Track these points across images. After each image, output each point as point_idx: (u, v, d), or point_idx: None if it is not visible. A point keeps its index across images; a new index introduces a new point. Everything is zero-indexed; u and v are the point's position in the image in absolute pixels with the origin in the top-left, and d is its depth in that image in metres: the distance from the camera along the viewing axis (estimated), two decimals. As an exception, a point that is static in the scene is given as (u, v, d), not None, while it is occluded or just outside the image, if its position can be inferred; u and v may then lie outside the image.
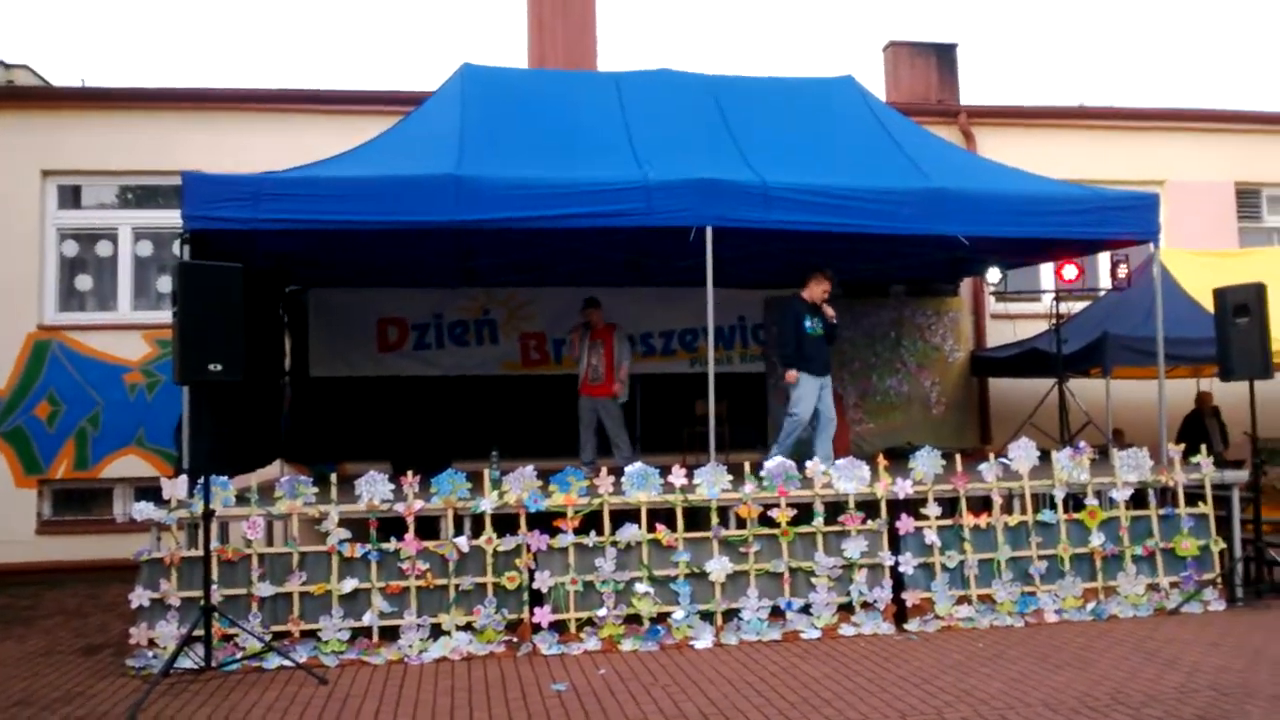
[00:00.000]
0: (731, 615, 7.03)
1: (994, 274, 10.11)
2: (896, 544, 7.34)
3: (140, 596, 6.56)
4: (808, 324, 8.38)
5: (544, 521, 7.07)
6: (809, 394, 8.32)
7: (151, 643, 6.50)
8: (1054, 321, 10.10)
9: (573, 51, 12.65)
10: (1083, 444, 8.00)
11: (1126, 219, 8.38)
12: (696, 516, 7.27)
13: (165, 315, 10.48)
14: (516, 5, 16.66)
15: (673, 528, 7.10)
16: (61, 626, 7.95)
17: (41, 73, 12.71)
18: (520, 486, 7.11)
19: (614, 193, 7.45)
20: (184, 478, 6.85)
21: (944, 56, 13.75)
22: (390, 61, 39.16)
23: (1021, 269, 10.85)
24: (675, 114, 9.01)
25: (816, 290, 8.50)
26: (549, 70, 11.57)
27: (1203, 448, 8.05)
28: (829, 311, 8.43)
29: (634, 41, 40.03)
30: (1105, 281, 10.35)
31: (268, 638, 6.49)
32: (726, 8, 42.94)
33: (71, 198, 11.08)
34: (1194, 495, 7.86)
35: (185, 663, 6.13)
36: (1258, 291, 7.70)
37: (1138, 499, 7.83)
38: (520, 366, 11.05)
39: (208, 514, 6.27)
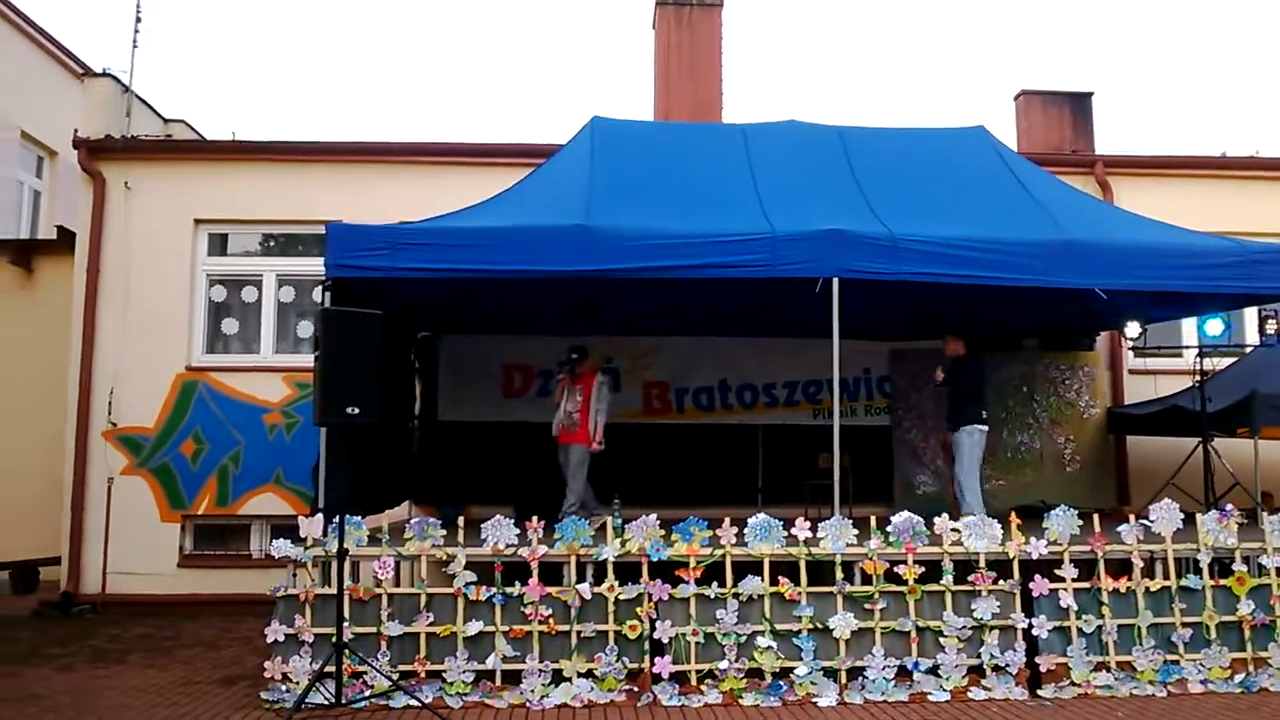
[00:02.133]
0: (856, 673, 6.88)
1: (1133, 328, 9.76)
2: (1030, 606, 7.09)
3: (276, 631, 6.78)
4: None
5: (666, 571, 7.06)
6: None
7: (285, 677, 6.70)
8: (1197, 378, 9.69)
9: (698, 104, 12.83)
10: (1230, 507, 7.62)
11: (1274, 272, 7.99)
12: (820, 571, 7.16)
13: (305, 358, 10.91)
14: (645, 59, 16.97)
15: (796, 581, 7.00)
16: (199, 658, 8.25)
17: (197, 125, 13.46)
18: (643, 535, 7.13)
19: (739, 243, 7.47)
20: (320, 516, 7.08)
21: (1078, 105, 13.49)
22: (523, 115, 40.25)
23: (1162, 323, 10.45)
24: (802, 165, 9.02)
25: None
26: (676, 123, 11.72)
27: (1363, 514, 7.57)
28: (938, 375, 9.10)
29: (761, 93, 40.28)
30: (1252, 337, 9.89)
31: (395, 676, 6.62)
32: (856, 58, 42.89)
33: (220, 245, 11.64)
34: (1353, 564, 7.39)
35: (316, 698, 6.30)
36: None
37: (1291, 567, 7.41)
38: (641, 415, 11.10)
39: (342, 553, 6.45)
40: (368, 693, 6.54)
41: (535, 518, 7.15)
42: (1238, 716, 6.32)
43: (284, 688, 6.66)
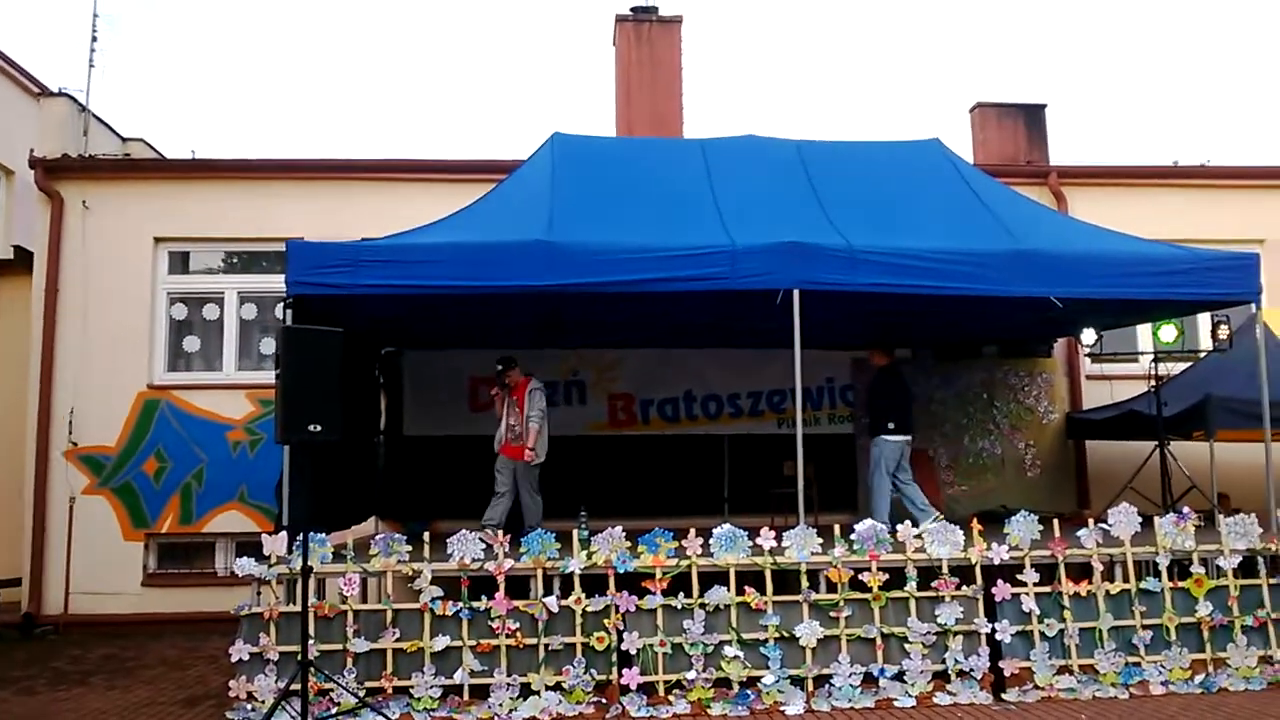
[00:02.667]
0: (823, 681, 6.93)
1: (1089, 335, 9.92)
2: (993, 611, 7.18)
3: (240, 650, 6.74)
4: None
5: (632, 582, 7.09)
6: None
7: (250, 696, 6.66)
8: (1153, 383, 9.85)
9: (659, 118, 12.92)
10: (1187, 510, 7.76)
11: (1226, 279, 8.17)
12: (785, 579, 7.21)
13: (268, 375, 10.82)
14: (605, 75, 17.04)
15: (762, 590, 7.06)
16: (163, 678, 8.17)
17: (155, 144, 13.37)
18: (609, 547, 7.16)
19: (700, 257, 7.52)
20: (284, 534, 7.05)
21: (1032, 117, 13.69)
22: (485, 130, 40.22)
23: (1117, 330, 10.63)
24: (761, 178, 9.09)
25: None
26: (636, 138, 11.80)
27: (1315, 514, 7.73)
28: None
29: (721, 107, 40.51)
30: (1206, 343, 10.07)
31: (362, 693, 6.60)
32: (814, 72, 43.24)
33: (181, 263, 11.57)
34: (1306, 564, 7.55)
35: (282, 717, 6.24)
36: (1369, 352, 7.43)
37: (1246, 567, 7.54)
38: (607, 427, 11.14)
39: (306, 570, 6.42)
40: (334, 710, 6.51)
41: (501, 532, 7.15)
42: (1198, 716, 6.43)
43: (249, 706, 6.62)
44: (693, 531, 7.27)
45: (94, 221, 11.17)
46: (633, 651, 6.88)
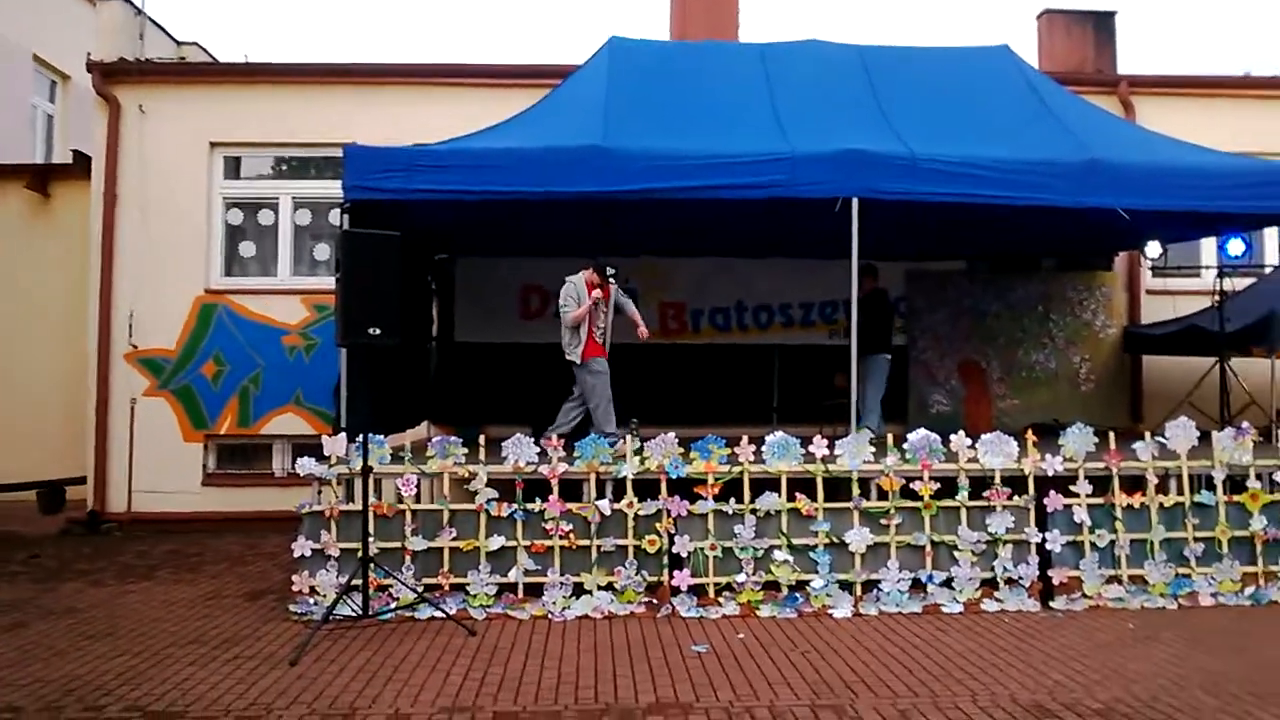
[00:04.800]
0: (871, 586, 7.01)
1: (1154, 248, 9.68)
2: (1044, 521, 7.19)
3: (302, 546, 6.93)
4: None
5: (684, 488, 7.17)
6: None
7: (312, 590, 6.87)
8: (1217, 298, 9.65)
9: (714, 24, 12.62)
10: (1245, 425, 7.67)
11: (1296, 192, 7.94)
12: (836, 487, 7.25)
13: (322, 281, 10.98)
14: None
15: (812, 497, 7.11)
16: (226, 573, 8.43)
17: (210, 49, 13.36)
18: (661, 453, 7.22)
19: (758, 164, 7.44)
20: (343, 436, 7.19)
21: (1101, 24, 13.21)
22: (541, 36, 39.70)
23: (1182, 243, 10.38)
24: (822, 85, 8.92)
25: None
26: (694, 43, 11.56)
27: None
28: None
29: (778, 16, 39.58)
30: (1272, 257, 9.84)
31: (420, 589, 6.78)
32: (870, -23, 42.01)
33: (234, 168, 11.62)
34: (1365, 481, 7.46)
35: (344, 610, 6.45)
36: None
37: (1304, 483, 7.48)
38: (659, 335, 11.12)
39: (366, 470, 6.56)
40: (394, 605, 6.70)
41: (555, 435, 7.24)
42: (1249, 628, 6.42)
43: (311, 600, 6.83)
44: (745, 439, 7.31)
45: (150, 126, 11.20)
46: (684, 555, 6.99)
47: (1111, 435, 7.48)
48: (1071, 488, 7.26)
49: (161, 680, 5.44)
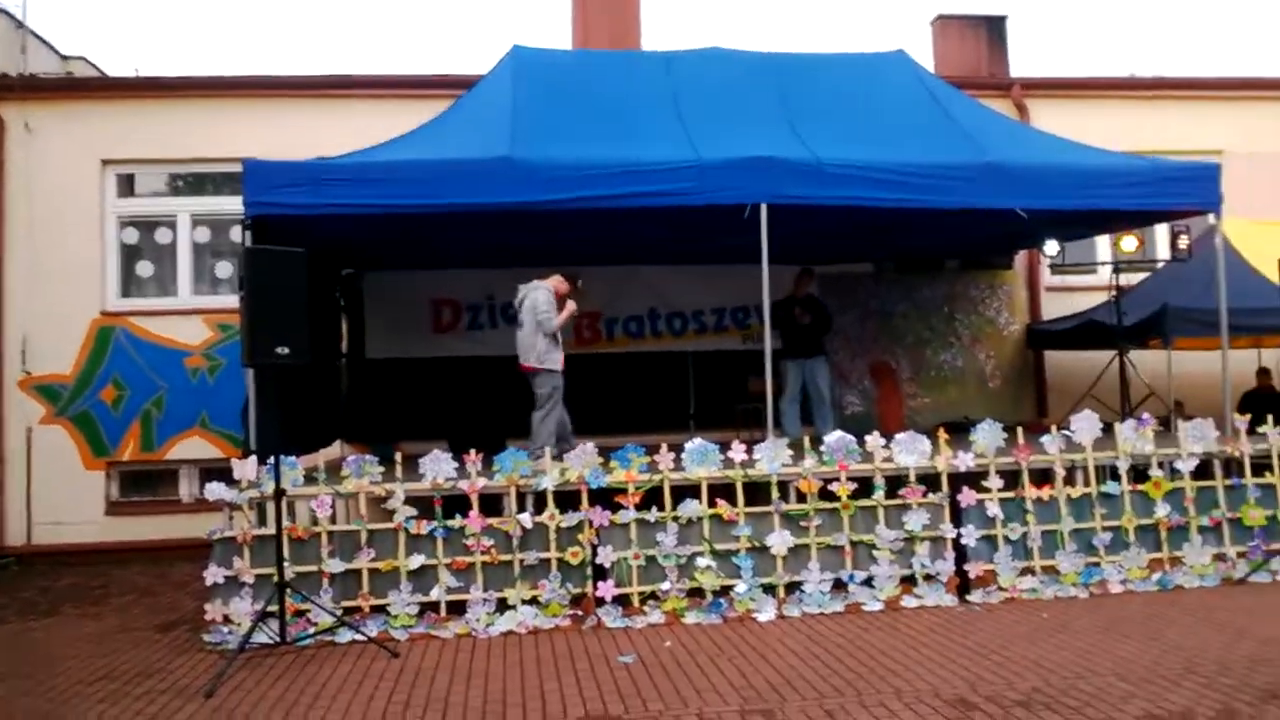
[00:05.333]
0: (793, 588, 7.07)
1: (1051, 246, 9.96)
2: (958, 516, 7.33)
3: (214, 574, 6.73)
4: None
5: (605, 498, 7.14)
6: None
7: (226, 619, 6.67)
8: (1113, 293, 9.97)
9: (616, 33, 12.63)
10: (1146, 415, 7.94)
11: (1187, 190, 8.27)
12: (756, 491, 7.30)
13: (225, 300, 10.70)
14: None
15: (733, 502, 7.14)
16: (134, 604, 8.14)
17: (97, 62, 12.92)
18: (582, 463, 7.18)
19: (667, 172, 7.48)
20: (253, 458, 7.00)
21: (993, 28, 13.58)
22: (435, 46, 39.34)
23: (1078, 241, 10.71)
24: (727, 92, 9.00)
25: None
26: (599, 51, 11.57)
27: (1269, 418, 7.93)
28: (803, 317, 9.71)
29: (677, 21, 39.87)
30: (1164, 253, 10.20)
31: (339, 613, 6.63)
32: (768, -15, 42.59)
33: (126, 186, 11.26)
34: (1260, 465, 7.77)
35: (260, 637, 6.26)
36: (1324, 260, 7.56)
37: (1202, 470, 7.75)
38: (573, 345, 11.04)
39: (279, 492, 6.39)
40: (312, 630, 6.53)
41: (474, 450, 7.15)
42: (1157, 612, 6.64)
43: (226, 629, 6.63)
44: (664, 446, 7.32)
45: (38, 144, 10.81)
46: (607, 565, 6.96)
47: (1020, 430, 7.67)
48: (983, 483, 7.42)
49: (69, 721, 5.22)
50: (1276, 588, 7.25)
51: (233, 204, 7.56)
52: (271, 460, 6.52)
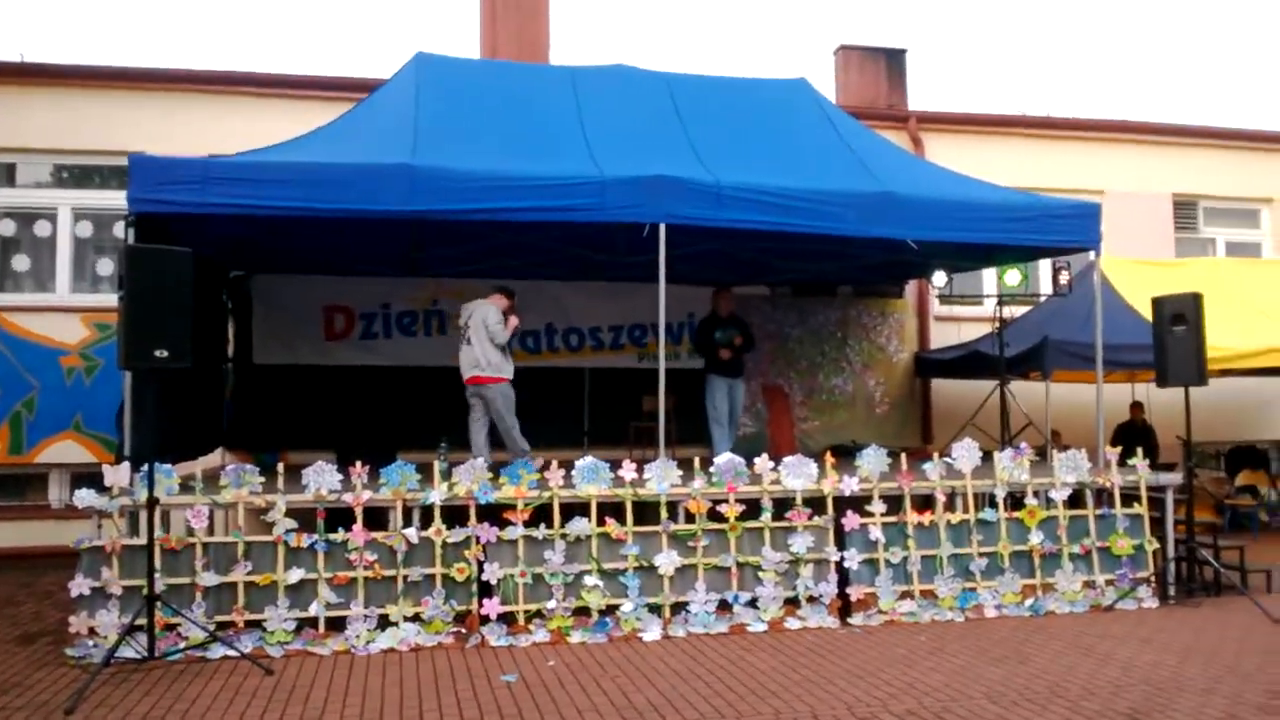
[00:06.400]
0: (679, 608, 7.09)
1: (939, 277, 10.25)
2: (842, 540, 7.45)
3: (80, 585, 6.44)
4: (717, 334, 9.49)
5: (493, 514, 7.06)
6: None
7: (92, 631, 6.39)
8: (996, 325, 10.29)
9: (524, 43, 12.60)
10: (1023, 445, 8.19)
11: (1069, 227, 8.57)
12: (645, 511, 7.31)
13: (105, 298, 10.31)
14: (468, -5, 16.49)
15: (622, 521, 7.13)
16: (-6, 615, 7.77)
17: (-22, 47, 12.38)
18: (470, 478, 7.10)
19: (568, 187, 7.45)
20: (126, 465, 6.74)
21: (894, 61, 13.94)
22: (340, 47, 38.66)
23: (966, 273, 11.04)
24: (631, 110, 9.04)
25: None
26: (505, 62, 11.53)
27: (1138, 451, 8.25)
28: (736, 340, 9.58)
29: (586, 36, 39.97)
30: (1046, 287, 10.58)
31: (212, 627, 6.42)
32: (679, 6, 42.99)
33: (6, 175, 10.80)
34: (1129, 497, 8.07)
35: (127, 652, 6.02)
36: (1195, 301, 7.89)
37: (1075, 499, 8.04)
38: (467, 359, 10.98)
39: (152, 502, 6.16)
40: (183, 645, 6.30)
41: (360, 462, 7.01)
42: (1028, 637, 6.84)
43: (91, 643, 6.35)
44: (554, 463, 7.28)
45: (-91, 128, 10.31)
46: (493, 582, 6.89)
47: (904, 456, 7.84)
48: (867, 507, 7.56)
49: (-88, 739, 4.95)
50: (1142, 615, 7.54)
51: (119, 199, 7.29)
52: (145, 467, 6.29)
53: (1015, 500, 7.94)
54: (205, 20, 37.46)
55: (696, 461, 7.46)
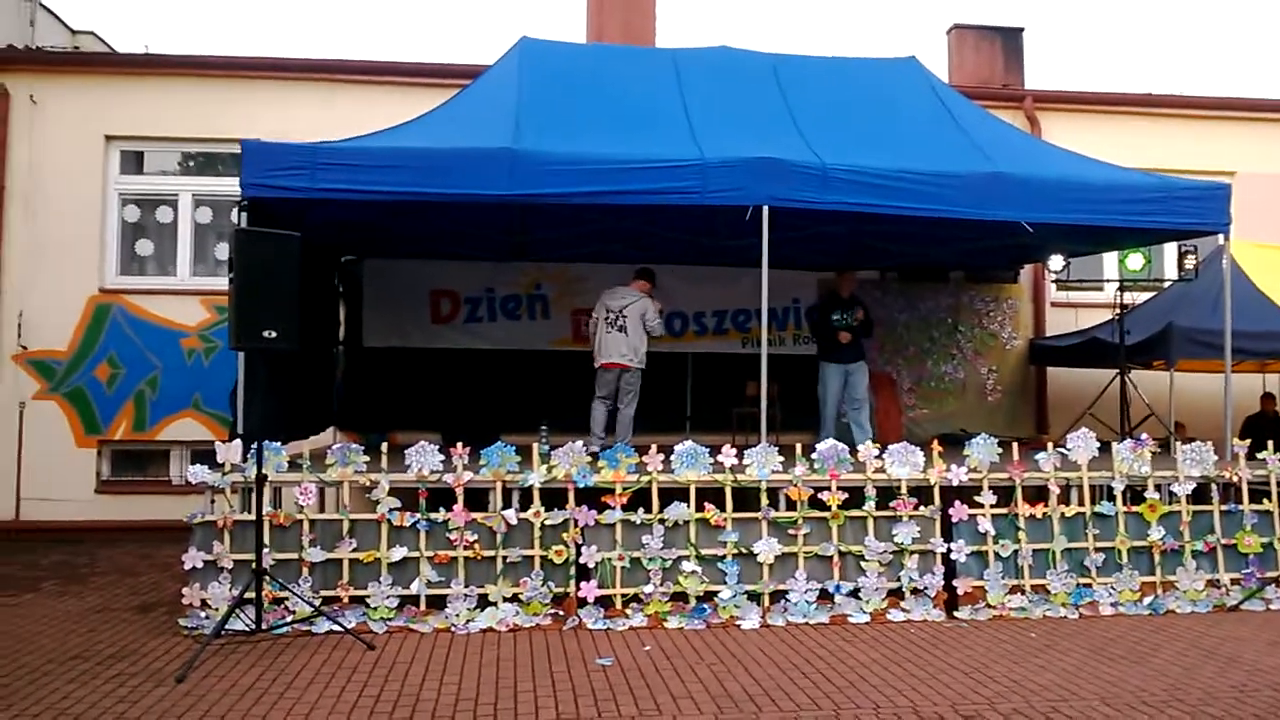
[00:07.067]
0: (779, 596, 6.98)
1: (1057, 261, 9.84)
2: (949, 531, 7.24)
3: (193, 558, 6.66)
4: (835, 317, 9.12)
5: (592, 497, 7.06)
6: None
7: (204, 603, 6.60)
8: (1117, 311, 9.86)
9: (630, 27, 12.56)
10: (1144, 436, 7.83)
11: (1196, 209, 8.15)
12: (745, 497, 7.21)
13: (223, 282, 10.52)
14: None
15: (721, 507, 7.05)
16: (116, 584, 8.08)
17: (106, 38, 12.88)
18: (569, 461, 7.10)
19: (670, 170, 7.37)
20: (238, 442, 6.93)
21: (1009, 40, 13.49)
22: (449, 35, 39.28)
23: (1085, 257, 10.60)
24: (733, 92, 8.90)
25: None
26: (607, 45, 11.49)
27: (1269, 444, 7.81)
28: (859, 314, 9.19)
29: (693, 19, 39.77)
30: (1171, 272, 10.10)
31: (317, 602, 6.56)
32: (786, -9, 42.47)
33: (134, 163, 11.23)
34: (1258, 492, 7.66)
35: (236, 624, 6.20)
36: (1332, 286, 7.45)
37: (1199, 494, 7.65)
38: (571, 342, 10.99)
39: (260, 479, 6.32)
40: (289, 618, 6.46)
41: (460, 444, 7.07)
42: (1145, 637, 6.53)
43: (203, 614, 6.56)
44: (654, 447, 7.23)
45: (42, 117, 10.78)
46: (591, 565, 6.88)
47: (1015, 446, 7.57)
48: (976, 498, 7.32)
49: (37, 700, 5.15)
50: (1269, 616, 7.14)
51: (236, 185, 7.49)
52: (255, 445, 6.45)
53: (1135, 494, 7.60)
54: (320, 10, 38.45)
55: (798, 448, 7.33)
